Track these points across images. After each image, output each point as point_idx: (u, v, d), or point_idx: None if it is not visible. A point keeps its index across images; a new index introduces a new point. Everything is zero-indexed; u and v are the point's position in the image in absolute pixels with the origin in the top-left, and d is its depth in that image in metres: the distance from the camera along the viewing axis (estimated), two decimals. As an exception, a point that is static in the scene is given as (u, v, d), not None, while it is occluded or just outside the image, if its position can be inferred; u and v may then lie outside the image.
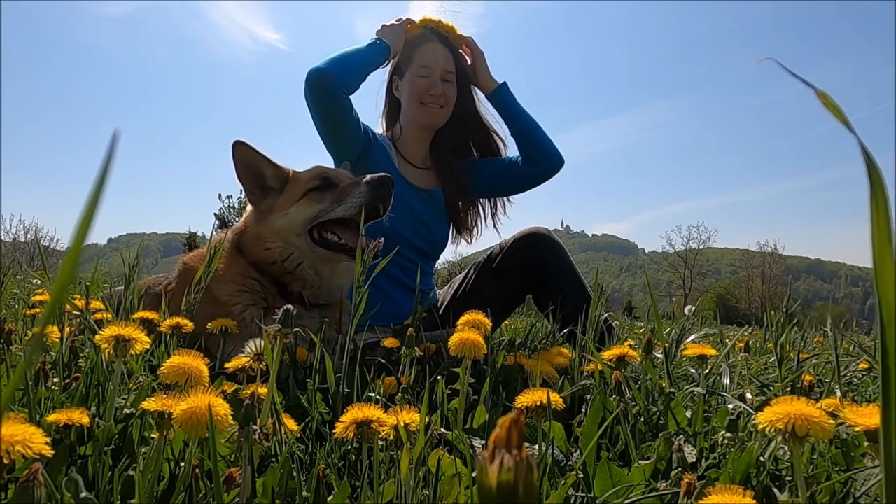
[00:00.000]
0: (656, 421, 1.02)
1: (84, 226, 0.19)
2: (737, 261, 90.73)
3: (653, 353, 1.15)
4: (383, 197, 1.64)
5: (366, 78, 2.05)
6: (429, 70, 2.16)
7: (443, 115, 2.22)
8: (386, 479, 0.74)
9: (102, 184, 0.19)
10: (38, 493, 0.47)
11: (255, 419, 0.66)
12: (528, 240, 2.19)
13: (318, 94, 1.92)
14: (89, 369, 0.96)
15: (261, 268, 1.63)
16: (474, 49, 2.26)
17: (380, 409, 0.72)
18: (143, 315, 1.28)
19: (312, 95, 1.93)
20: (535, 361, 1.22)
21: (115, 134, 0.20)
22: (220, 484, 0.59)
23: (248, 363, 0.94)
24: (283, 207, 1.65)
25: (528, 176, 2.29)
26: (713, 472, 0.80)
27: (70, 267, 0.20)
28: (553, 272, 2.14)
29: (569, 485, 0.72)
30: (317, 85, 1.90)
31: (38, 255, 11.07)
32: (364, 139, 2.10)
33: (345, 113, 1.98)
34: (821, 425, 0.61)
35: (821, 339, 3.10)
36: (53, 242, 25.98)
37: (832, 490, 0.75)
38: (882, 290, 0.25)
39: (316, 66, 1.91)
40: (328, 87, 1.90)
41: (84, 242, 0.20)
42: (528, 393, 0.84)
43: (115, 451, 0.78)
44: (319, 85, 1.90)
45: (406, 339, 1.15)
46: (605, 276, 19.76)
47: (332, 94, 1.92)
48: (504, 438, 0.25)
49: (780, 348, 1.27)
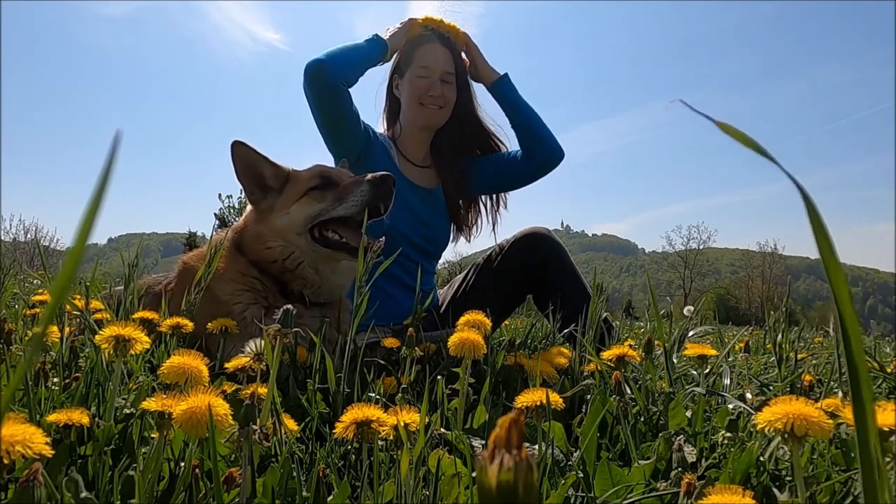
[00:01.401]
0: (656, 421, 1.02)
1: (86, 226, 0.19)
2: (737, 261, 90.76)
3: (653, 353, 1.15)
4: (385, 195, 1.64)
5: (364, 73, 2.06)
6: (428, 71, 2.16)
7: (442, 116, 2.22)
8: (386, 479, 0.74)
9: (105, 184, 0.19)
10: (38, 493, 0.47)
11: (255, 419, 0.66)
12: (528, 240, 2.19)
13: (317, 85, 1.92)
14: (89, 369, 0.96)
15: (261, 267, 1.63)
16: (469, 43, 2.27)
17: (380, 409, 0.72)
18: (143, 315, 1.28)
19: (311, 87, 1.93)
20: (535, 361, 1.22)
21: (118, 135, 0.20)
22: (220, 484, 0.59)
23: (248, 363, 0.94)
24: (283, 207, 1.65)
25: (528, 169, 2.29)
26: (713, 472, 0.80)
27: (71, 267, 0.20)
28: (553, 272, 2.14)
29: (569, 485, 0.72)
30: (315, 76, 1.91)
31: (38, 255, 11.06)
32: (364, 136, 2.10)
33: (344, 105, 1.98)
34: (820, 425, 0.61)
35: (821, 339, 3.10)
36: (53, 242, 25.98)
37: (832, 490, 0.75)
38: (838, 294, 0.26)
39: (314, 58, 1.91)
40: (326, 79, 1.91)
41: (86, 243, 0.20)
42: (528, 393, 0.84)
43: (115, 451, 0.78)
44: (318, 77, 1.90)
45: (406, 339, 1.15)
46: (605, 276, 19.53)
47: (330, 85, 1.92)
48: (504, 438, 0.25)
49: (779, 348, 1.27)
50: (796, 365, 1.28)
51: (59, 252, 21.95)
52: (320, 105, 1.97)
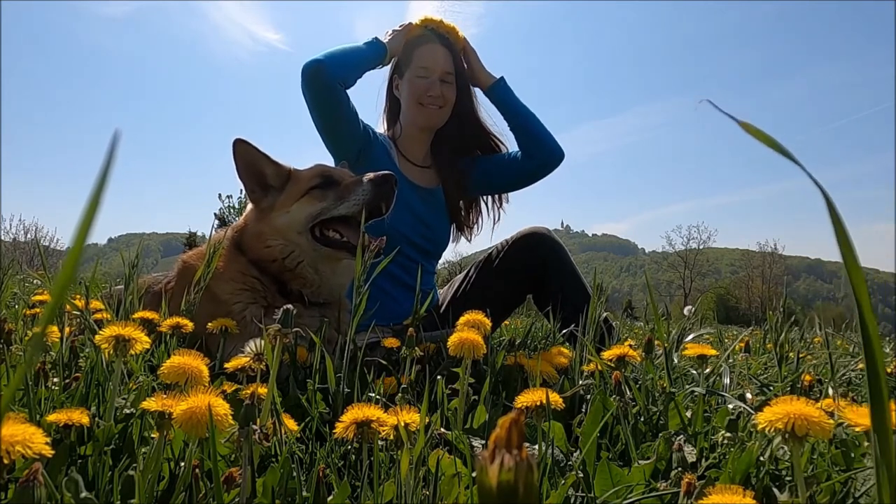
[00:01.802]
0: (656, 421, 1.02)
1: (85, 225, 0.19)
2: (737, 261, 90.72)
3: (653, 353, 1.15)
4: (386, 195, 1.63)
5: (361, 75, 2.05)
6: (427, 71, 2.16)
7: (441, 116, 2.22)
8: (386, 479, 0.74)
9: (103, 184, 0.19)
10: (38, 492, 0.47)
11: (255, 419, 0.66)
12: (528, 240, 2.19)
13: (315, 86, 1.92)
14: (89, 369, 0.96)
15: (261, 266, 1.63)
16: (466, 47, 2.27)
17: (380, 409, 0.72)
18: (143, 315, 1.28)
19: (309, 87, 1.93)
20: (535, 361, 1.22)
21: (116, 134, 0.20)
22: (220, 484, 0.59)
23: (248, 363, 0.94)
24: (284, 205, 1.64)
25: (527, 170, 2.28)
26: (713, 472, 0.80)
27: (71, 266, 0.20)
28: (553, 272, 2.14)
29: (569, 485, 0.72)
30: (313, 76, 1.90)
31: (38, 255, 11.07)
32: (363, 136, 2.10)
33: (342, 106, 1.98)
34: (820, 425, 0.61)
35: (821, 339, 3.10)
36: (53, 242, 26.00)
37: (832, 490, 0.75)
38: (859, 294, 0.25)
39: (312, 59, 1.91)
40: (324, 79, 1.90)
41: (85, 242, 0.20)
42: (528, 393, 0.84)
43: (115, 451, 0.78)
44: (316, 77, 1.90)
45: (406, 338, 1.15)
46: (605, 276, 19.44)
47: (328, 86, 1.92)
48: (504, 438, 0.25)
49: (779, 348, 1.27)
50: (797, 365, 1.28)
51: (59, 252, 21.96)
52: (318, 106, 1.97)
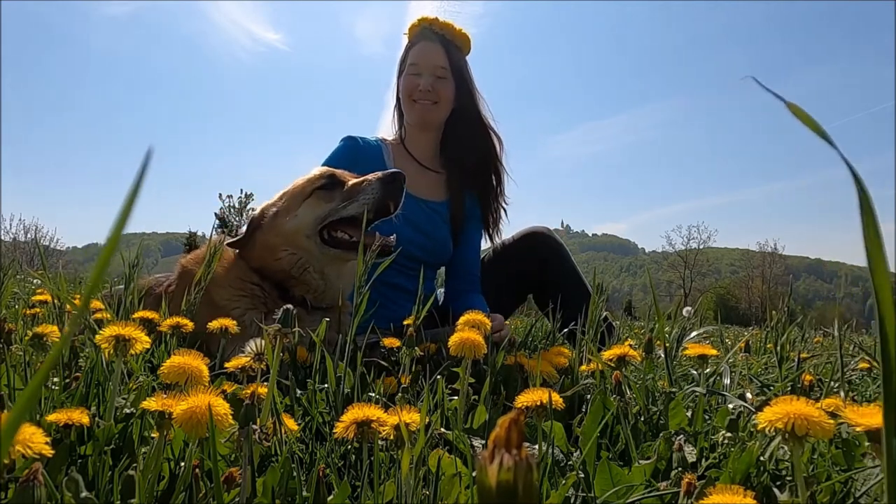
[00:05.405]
0: (656, 421, 1.02)
1: (116, 233, 0.20)
2: (737, 261, 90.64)
3: (653, 352, 1.15)
4: (395, 193, 1.60)
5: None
6: (417, 68, 2.14)
7: (436, 111, 2.17)
8: (386, 479, 0.74)
9: (134, 198, 0.19)
10: (38, 492, 0.47)
11: (255, 419, 0.66)
12: (528, 239, 2.19)
13: None
14: (89, 369, 0.95)
15: (263, 273, 1.61)
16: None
17: (380, 408, 0.72)
18: (144, 315, 1.28)
19: None
20: (535, 361, 1.22)
21: (149, 151, 0.20)
22: (220, 484, 0.59)
23: (249, 363, 0.94)
24: (290, 209, 1.61)
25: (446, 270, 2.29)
26: (713, 471, 0.80)
27: (101, 269, 0.20)
28: (554, 272, 2.14)
29: (569, 485, 0.71)
30: None
31: (37, 254, 11.06)
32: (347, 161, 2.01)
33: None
34: (821, 425, 0.61)
35: (820, 339, 3.10)
36: (53, 242, 25.98)
37: (832, 490, 0.75)
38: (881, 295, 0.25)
39: None
40: None
41: (112, 255, 0.20)
42: (528, 393, 0.84)
43: (115, 450, 0.78)
44: None
45: (406, 338, 1.15)
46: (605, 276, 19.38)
47: None
48: (504, 438, 0.25)
49: (780, 348, 1.27)
50: (798, 365, 1.27)
51: (58, 252, 21.93)
52: None
